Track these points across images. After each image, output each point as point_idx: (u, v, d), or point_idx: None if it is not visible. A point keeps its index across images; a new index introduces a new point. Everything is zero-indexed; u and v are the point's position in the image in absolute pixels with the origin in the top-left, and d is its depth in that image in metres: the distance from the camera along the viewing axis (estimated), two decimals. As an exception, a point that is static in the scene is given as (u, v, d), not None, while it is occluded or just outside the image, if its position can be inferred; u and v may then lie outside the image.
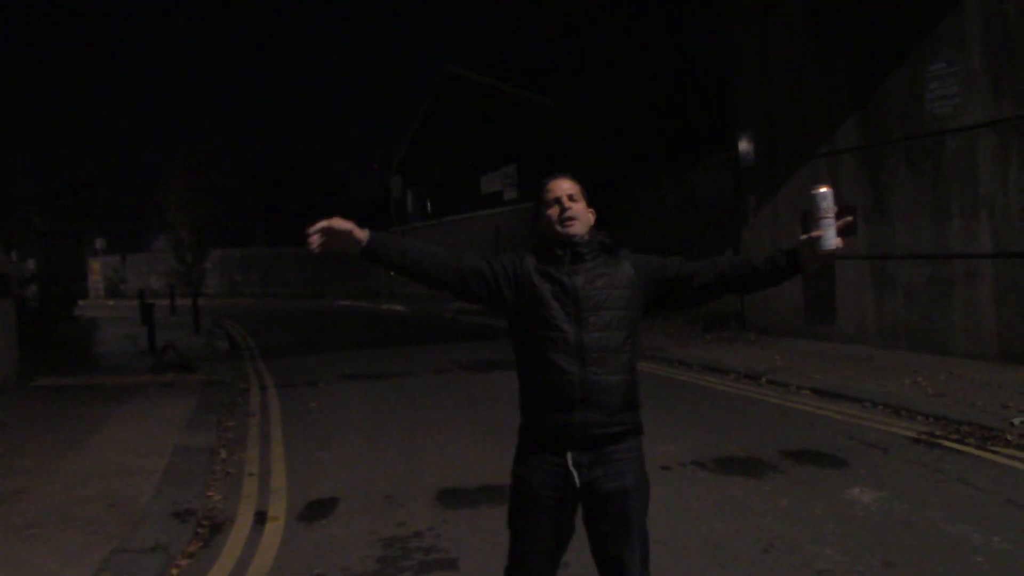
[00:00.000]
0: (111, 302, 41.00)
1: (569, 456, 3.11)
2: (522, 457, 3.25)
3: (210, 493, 6.83)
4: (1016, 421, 7.66)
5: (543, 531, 3.18)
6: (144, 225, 47.06)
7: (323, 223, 3.05)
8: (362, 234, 3.08)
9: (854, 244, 13.24)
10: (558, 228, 3.20)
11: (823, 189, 3.07)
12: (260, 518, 6.19)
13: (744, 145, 15.86)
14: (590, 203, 3.27)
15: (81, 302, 20.67)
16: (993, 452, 7.09)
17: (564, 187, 3.28)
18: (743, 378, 11.24)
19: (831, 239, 3.05)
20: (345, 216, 3.15)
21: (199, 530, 5.91)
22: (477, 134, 29.91)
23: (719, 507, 6.01)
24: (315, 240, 3.03)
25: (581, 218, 3.23)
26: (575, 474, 3.10)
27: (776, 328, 15.04)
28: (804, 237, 3.10)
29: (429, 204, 35.16)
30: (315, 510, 6.33)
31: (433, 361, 14.24)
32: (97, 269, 47.00)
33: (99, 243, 43.63)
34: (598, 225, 3.33)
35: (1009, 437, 7.35)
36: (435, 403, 10.52)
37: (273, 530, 5.92)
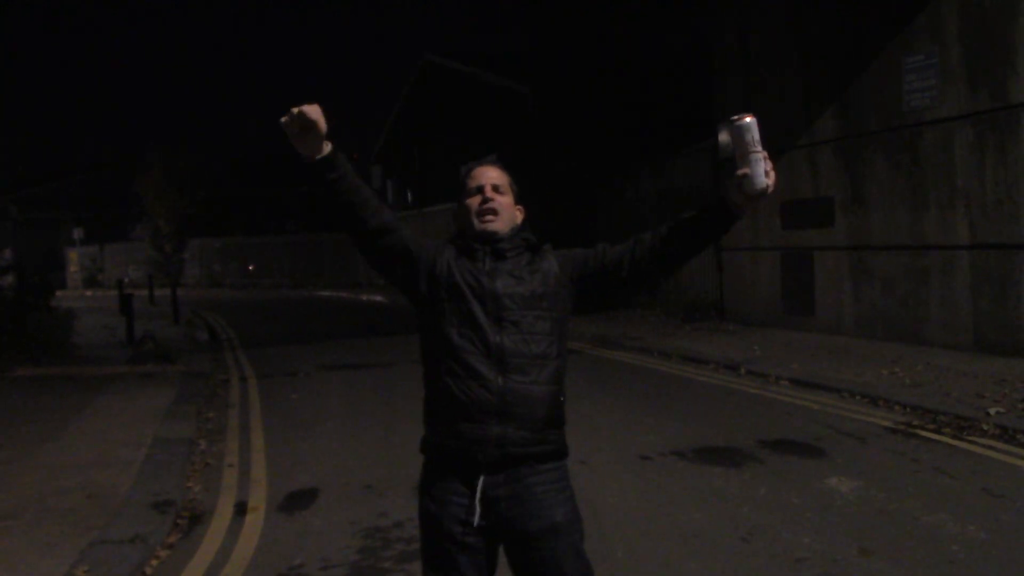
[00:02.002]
0: (89, 292, 40.70)
1: (480, 482, 2.67)
2: (427, 485, 2.86)
3: (189, 484, 6.81)
4: (992, 411, 7.73)
5: (461, 572, 2.72)
6: (122, 214, 46.71)
7: (306, 108, 2.54)
8: (326, 142, 2.63)
9: (832, 235, 13.33)
10: (475, 221, 2.80)
11: (747, 119, 2.62)
12: (240, 509, 6.19)
13: (723, 136, 15.89)
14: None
15: (59, 292, 20.50)
16: (969, 442, 7.16)
17: (490, 175, 2.85)
18: (722, 368, 11.30)
19: (760, 176, 2.61)
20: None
21: (178, 521, 5.89)
22: (457, 123, 29.82)
23: (698, 496, 6.04)
24: (291, 121, 2.55)
25: (504, 214, 2.82)
26: (478, 509, 2.66)
27: (755, 318, 15.11)
28: (732, 179, 2.67)
29: (409, 194, 35.08)
30: (295, 501, 6.33)
31: (413, 351, 14.14)
32: (75, 259, 46.63)
33: (77, 233, 43.27)
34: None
35: (985, 427, 7.43)
36: (415, 393, 10.46)
37: (253, 521, 5.92)
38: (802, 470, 6.59)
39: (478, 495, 2.66)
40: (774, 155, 12.48)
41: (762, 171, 2.61)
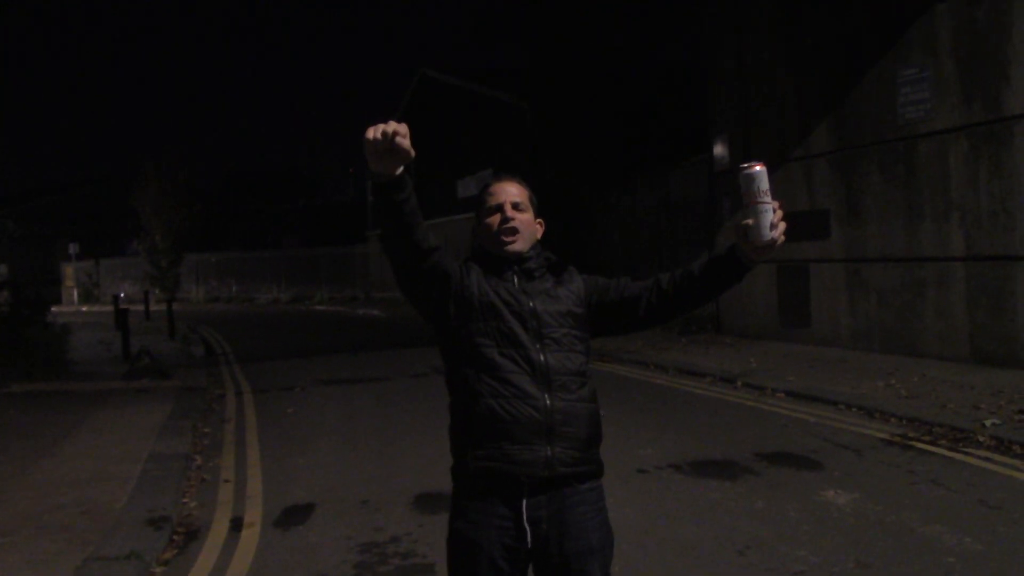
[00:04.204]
0: (85, 307, 40.63)
1: (524, 505, 2.59)
2: (461, 508, 2.68)
3: (185, 500, 6.79)
4: (988, 423, 7.74)
5: None
6: (119, 229, 46.74)
7: (398, 127, 2.47)
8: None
9: (828, 247, 13.36)
10: (496, 242, 2.74)
11: (756, 167, 2.51)
12: (236, 525, 6.17)
13: (719, 148, 15.95)
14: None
15: (54, 308, 20.46)
16: (965, 453, 7.16)
17: (510, 192, 2.76)
18: (719, 381, 11.30)
19: (765, 228, 2.50)
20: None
21: (174, 537, 5.88)
22: (454, 138, 29.88)
23: (695, 509, 6.04)
24: (377, 136, 2.48)
25: (524, 232, 2.75)
26: (528, 531, 2.59)
27: (751, 331, 15.12)
28: (738, 227, 2.60)
29: (406, 208, 35.05)
30: (291, 516, 6.31)
31: (410, 365, 14.21)
32: (71, 274, 46.57)
33: (73, 248, 43.20)
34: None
35: (981, 439, 7.43)
36: (412, 407, 10.50)
37: (249, 537, 5.90)
38: (799, 483, 6.59)
39: (524, 517, 2.59)
40: (769, 167, 12.49)
41: (768, 222, 2.52)
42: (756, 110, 14.99)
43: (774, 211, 2.53)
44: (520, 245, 2.74)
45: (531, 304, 2.67)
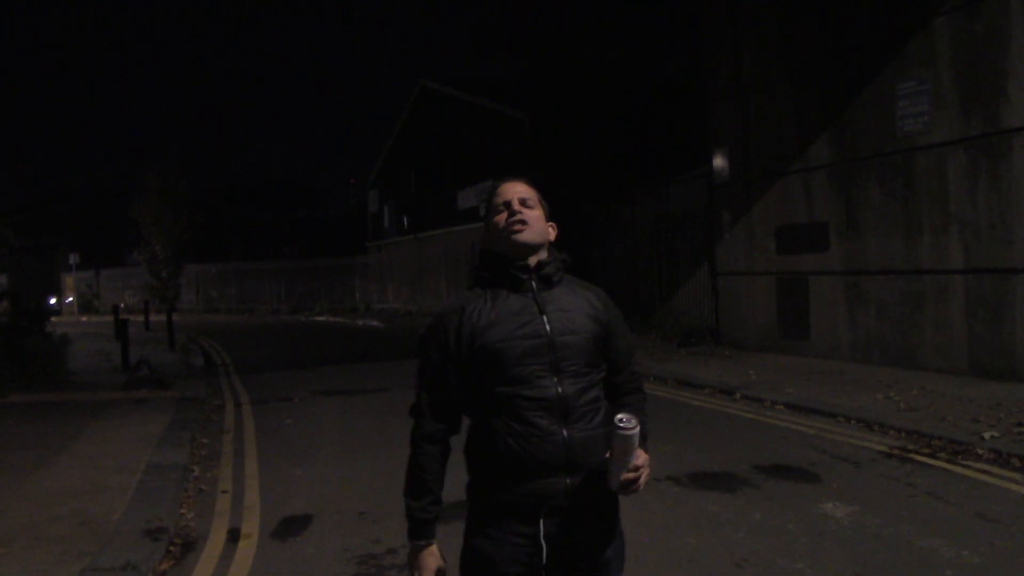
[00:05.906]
0: (84, 318, 40.63)
1: (542, 524, 2.57)
2: (479, 525, 2.66)
3: (182, 511, 6.78)
4: (987, 436, 7.73)
5: None
6: (119, 239, 46.81)
7: None
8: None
9: (827, 260, 13.37)
10: (505, 236, 2.66)
11: (627, 432, 2.50)
12: (233, 536, 6.16)
13: (719, 161, 15.97)
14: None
15: (54, 318, 20.45)
16: (964, 466, 7.16)
17: (517, 190, 2.73)
18: (718, 393, 11.29)
19: (614, 478, 2.56)
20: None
21: (171, 548, 5.86)
22: (454, 149, 29.96)
23: (693, 522, 6.03)
24: None
25: (534, 226, 2.68)
26: (544, 547, 2.57)
27: (751, 343, 15.12)
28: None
29: (406, 219, 35.14)
30: (289, 527, 6.30)
31: (408, 377, 14.14)
32: (71, 284, 46.61)
33: (73, 258, 43.27)
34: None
35: (979, 451, 7.43)
36: (410, 419, 10.47)
37: (246, 548, 5.89)
38: (797, 495, 6.58)
39: (542, 534, 2.57)
40: (770, 180, 12.47)
41: (618, 475, 2.54)
42: (756, 123, 15.02)
43: (631, 470, 2.55)
44: (529, 236, 2.66)
45: (547, 330, 2.59)
